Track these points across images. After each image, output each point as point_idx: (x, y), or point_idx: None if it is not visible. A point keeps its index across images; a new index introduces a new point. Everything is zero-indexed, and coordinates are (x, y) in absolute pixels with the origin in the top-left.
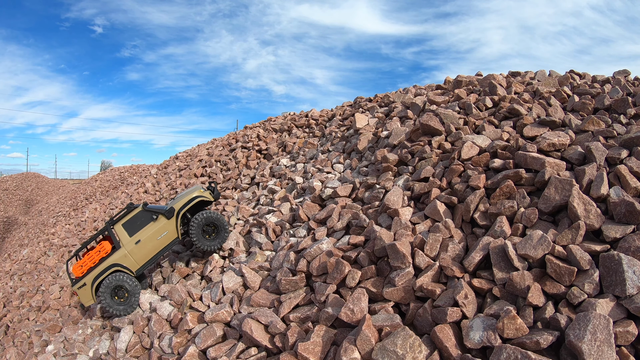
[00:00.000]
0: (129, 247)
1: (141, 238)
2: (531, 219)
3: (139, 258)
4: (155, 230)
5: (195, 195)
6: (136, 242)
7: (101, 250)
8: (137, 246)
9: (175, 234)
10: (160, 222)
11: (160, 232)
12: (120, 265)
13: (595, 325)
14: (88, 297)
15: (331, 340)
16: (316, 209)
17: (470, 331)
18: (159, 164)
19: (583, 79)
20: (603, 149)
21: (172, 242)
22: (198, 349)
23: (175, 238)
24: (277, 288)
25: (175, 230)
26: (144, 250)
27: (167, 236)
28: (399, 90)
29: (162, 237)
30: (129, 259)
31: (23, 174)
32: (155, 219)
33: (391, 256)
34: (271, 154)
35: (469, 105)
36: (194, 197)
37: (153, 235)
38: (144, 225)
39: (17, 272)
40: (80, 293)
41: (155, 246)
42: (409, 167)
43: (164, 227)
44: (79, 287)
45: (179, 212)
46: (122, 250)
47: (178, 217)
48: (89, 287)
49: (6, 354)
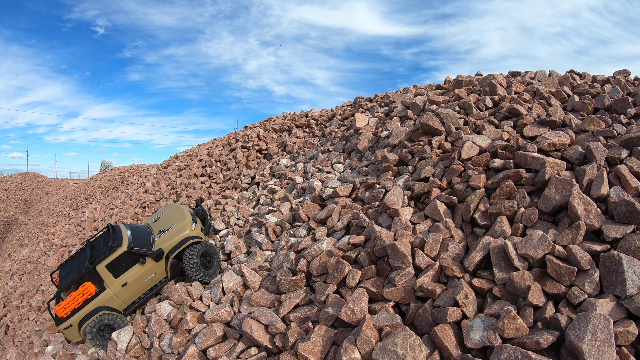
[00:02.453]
0: (115, 289)
1: (128, 280)
2: (531, 219)
3: (126, 299)
4: (143, 272)
5: (187, 236)
6: (123, 285)
7: (84, 292)
8: (124, 288)
9: (165, 274)
10: (148, 265)
11: (149, 273)
12: (107, 307)
13: (596, 325)
14: (75, 335)
15: (331, 340)
16: (316, 208)
17: (471, 331)
18: (159, 164)
19: (583, 78)
20: (603, 149)
21: (161, 281)
22: (198, 349)
23: (164, 277)
24: (277, 288)
25: (165, 271)
26: (132, 291)
27: (155, 277)
28: (399, 90)
29: (151, 278)
30: (116, 301)
31: (23, 173)
32: (143, 262)
33: (391, 256)
34: (271, 154)
35: (469, 105)
36: (186, 238)
37: (141, 277)
38: (129, 266)
39: (17, 272)
40: (67, 333)
41: (143, 287)
42: (409, 167)
43: (153, 268)
44: (64, 328)
45: (168, 255)
46: (108, 293)
47: (167, 259)
48: (75, 329)
49: (6, 354)
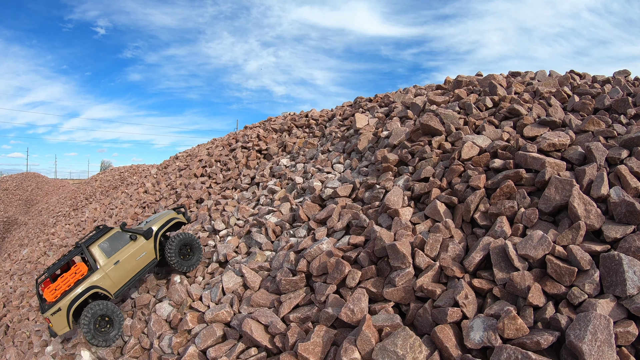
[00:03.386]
0: (107, 267)
1: (120, 259)
2: (531, 219)
3: (117, 280)
4: (134, 250)
5: (172, 217)
6: (115, 263)
7: (77, 272)
8: (116, 267)
9: (154, 254)
10: (139, 243)
11: (139, 252)
12: (99, 287)
13: (596, 326)
14: (63, 324)
15: (331, 341)
16: (316, 209)
17: (471, 331)
18: (159, 164)
19: (583, 79)
20: (603, 149)
21: (150, 262)
22: (198, 349)
23: (153, 259)
24: (277, 288)
25: (154, 251)
26: (123, 271)
27: (145, 257)
28: (399, 90)
29: (141, 257)
30: (107, 281)
31: (23, 173)
32: (134, 239)
33: (391, 256)
34: (271, 154)
35: (469, 105)
36: (171, 218)
37: (132, 256)
38: (122, 245)
39: (17, 272)
40: (54, 320)
41: (134, 267)
42: (409, 167)
43: (143, 247)
44: (52, 313)
45: (157, 233)
46: (100, 272)
47: (156, 238)
48: (64, 313)
49: (6, 354)
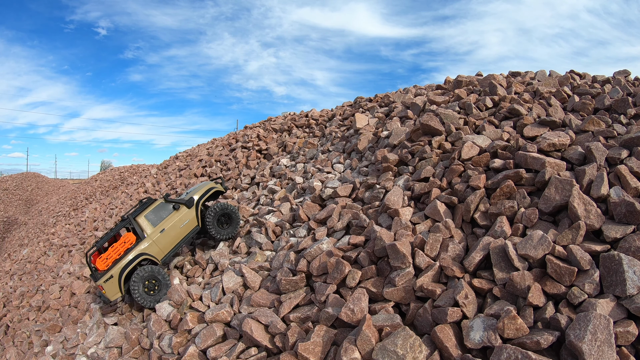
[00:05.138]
0: (154, 236)
1: (165, 227)
2: (531, 219)
3: (164, 246)
4: (178, 219)
5: (211, 186)
6: (160, 231)
7: (126, 241)
8: (161, 235)
9: (196, 222)
10: (182, 212)
11: (183, 220)
12: (147, 254)
13: (596, 326)
14: (115, 290)
15: (331, 340)
16: (316, 209)
17: (471, 331)
18: (159, 164)
19: (583, 79)
20: (603, 149)
21: (193, 229)
22: (198, 349)
23: (195, 226)
24: (277, 288)
25: (196, 219)
26: (168, 238)
27: (188, 224)
28: (399, 90)
29: (184, 225)
30: (154, 248)
31: (23, 173)
32: (177, 208)
33: (391, 256)
34: (271, 154)
35: (469, 105)
36: (210, 187)
37: (176, 223)
38: (166, 215)
39: (17, 272)
40: (107, 287)
41: (178, 234)
42: (409, 167)
43: (186, 215)
44: (105, 281)
45: (198, 202)
46: (148, 240)
47: (198, 206)
48: (116, 280)
49: (6, 354)
